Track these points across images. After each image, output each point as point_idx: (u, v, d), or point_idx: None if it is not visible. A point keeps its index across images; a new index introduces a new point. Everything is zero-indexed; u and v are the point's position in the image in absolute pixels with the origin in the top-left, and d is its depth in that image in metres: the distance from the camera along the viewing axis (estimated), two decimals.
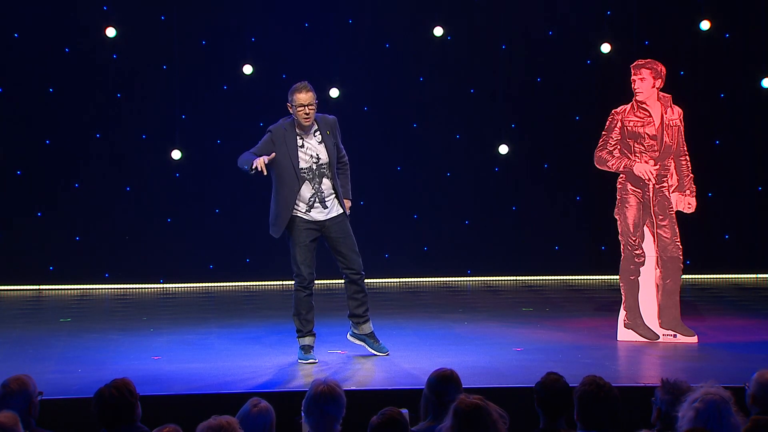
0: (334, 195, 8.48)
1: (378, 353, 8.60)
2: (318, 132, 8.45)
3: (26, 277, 12.75)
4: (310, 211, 8.42)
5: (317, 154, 8.42)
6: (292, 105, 8.38)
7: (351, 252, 8.52)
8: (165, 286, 12.91)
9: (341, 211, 8.52)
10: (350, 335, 8.73)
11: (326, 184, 8.44)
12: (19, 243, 12.70)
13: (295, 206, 8.42)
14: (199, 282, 12.94)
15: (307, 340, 8.54)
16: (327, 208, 8.46)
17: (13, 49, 12.63)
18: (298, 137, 8.42)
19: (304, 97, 8.34)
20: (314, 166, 8.41)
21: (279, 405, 5.39)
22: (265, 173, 8.30)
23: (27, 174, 12.72)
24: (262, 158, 8.25)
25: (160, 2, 12.78)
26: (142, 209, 12.83)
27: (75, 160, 12.76)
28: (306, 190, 8.41)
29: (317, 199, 8.42)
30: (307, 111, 8.34)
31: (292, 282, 8.59)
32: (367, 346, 8.64)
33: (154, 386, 7.47)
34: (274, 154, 8.32)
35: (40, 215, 12.74)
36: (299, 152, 8.39)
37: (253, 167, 8.22)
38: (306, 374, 8.05)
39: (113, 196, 12.78)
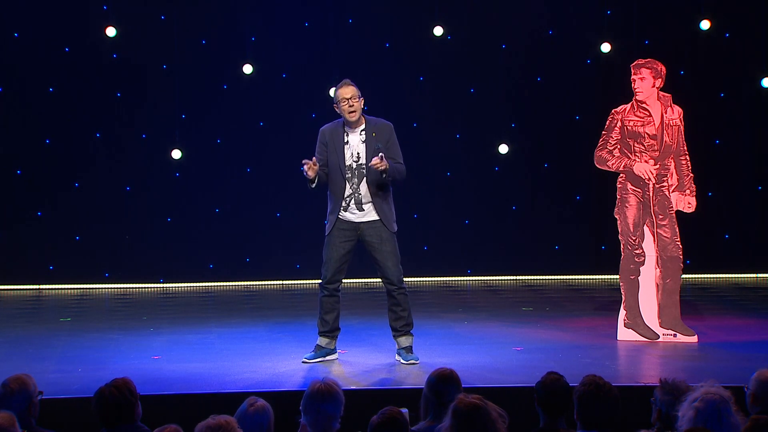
0: (371, 202, 8.35)
1: (404, 362, 8.39)
2: (364, 131, 8.40)
3: (26, 276, 12.75)
4: (345, 211, 8.36)
5: (358, 153, 8.36)
6: (337, 103, 8.35)
7: (386, 261, 8.41)
8: (165, 285, 12.90)
9: (378, 218, 8.39)
10: (396, 354, 8.54)
11: (364, 187, 8.33)
12: (19, 243, 12.70)
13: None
14: (199, 282, 12.94)
15: (319, 340, 8.51)
16: (363, 211, 8.36)
17: (13, 49, 12.63)
18: (344, 134, 8.39)
19: (344, 90, 8.32)
20: (354, 165, 8.34)
21: (278, 404, 5.39)
22: (311, 177, 8.16)
23: (27, 174, 12.72)
24: (309, 163, 8.13)
25: (160, 2, 12.78)
26: (142, 209, 12.82)
27: (75, 160, 12.76)
28: (346, 189, 8.34)
29: (353, 200, 8.33)
30: (351, 104, 8.30)
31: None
32: (401, 359, 8.45)
33: (154, 386, 7.46)
34: (315, 158, 8.24)
35: (40, 215, 12.74)
36: (344, 148, 8.36)
37: (304, 170, 8.13)
38: (306, 374, 8.04)
39: (113, 196, 12.78)
